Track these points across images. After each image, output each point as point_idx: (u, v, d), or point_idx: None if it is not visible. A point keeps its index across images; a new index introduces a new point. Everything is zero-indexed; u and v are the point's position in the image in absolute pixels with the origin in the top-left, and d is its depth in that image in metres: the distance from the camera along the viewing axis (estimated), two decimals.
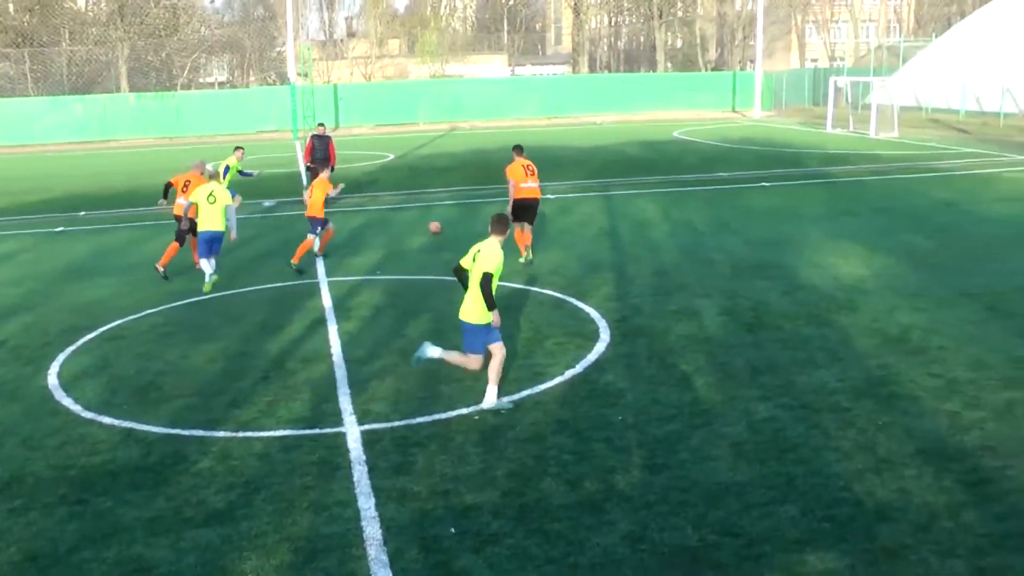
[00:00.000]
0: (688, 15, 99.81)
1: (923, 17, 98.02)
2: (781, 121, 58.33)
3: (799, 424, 10.57)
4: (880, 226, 22.32)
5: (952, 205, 25.43)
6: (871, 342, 13.46)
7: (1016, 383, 11.83)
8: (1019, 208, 24.80)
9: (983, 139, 44.57)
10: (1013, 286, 16.57)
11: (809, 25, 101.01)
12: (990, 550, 7.95)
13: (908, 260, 18.60)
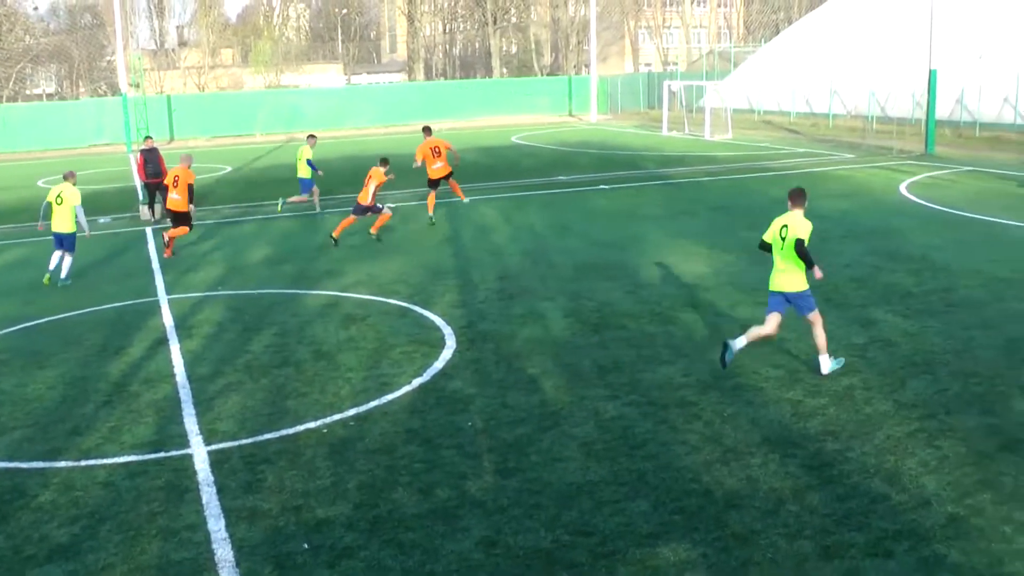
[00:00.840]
0: (522, 21, 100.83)
1: (752, 24, 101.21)
2: (617, 124, 59.34)
3: (647, 420, 10.72)
4: (719, 224, 22.89)
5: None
6: (715, 337, 13.76)
7: (854, 369, 12.29)
8: (850, 204, 25.80)
9: (814, 139, 46.18)
10: (847, 277, 17.21)
11: (642, 31, 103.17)
12: (834, 529, 8.23)
13: (747, 256, 19.05)
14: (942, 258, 18.84)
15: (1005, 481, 9.16)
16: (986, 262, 18.41)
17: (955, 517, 8.45)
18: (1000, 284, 16.76)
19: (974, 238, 21.02)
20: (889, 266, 18.21)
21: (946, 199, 26.44)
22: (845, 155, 38.71)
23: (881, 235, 21.35)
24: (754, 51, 69.98)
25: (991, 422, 10.62)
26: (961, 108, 47.51)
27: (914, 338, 13.70)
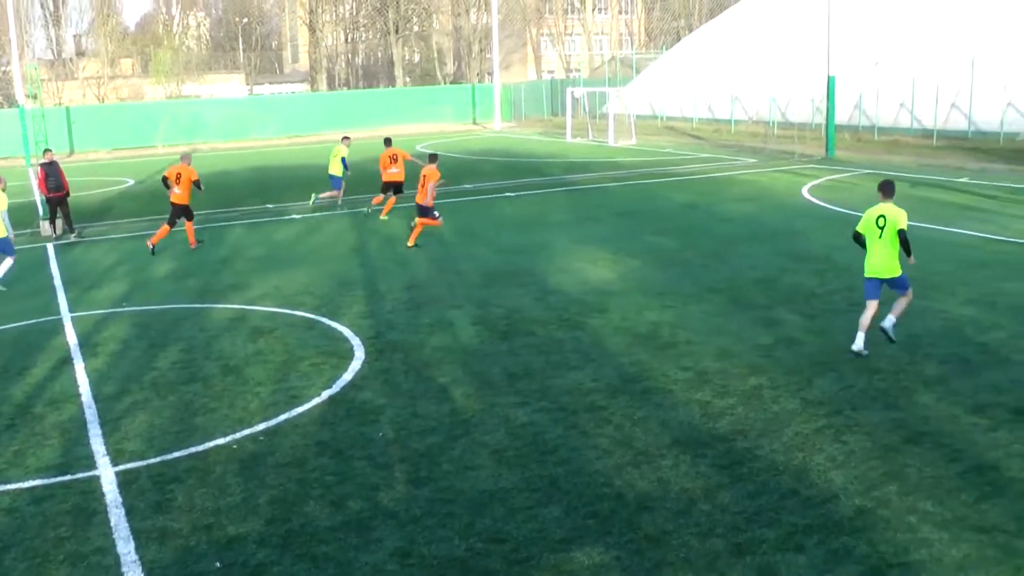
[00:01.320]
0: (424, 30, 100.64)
1: (653, 31, 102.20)
2: (522, 132, 59.53)
3: (558, 426, 10.76)
4: (625, 230, 23.08)
5: (693, 207, 26.61)
6: (622, 341, 13.88)
7: (760, 369, 12.50)
8: (754, 207, 26.23)
9: (717, 144, 46.88)
10: (752, 279, 17.50)
11: (544, 38, 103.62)
12: (746, 526, 8.35)
13: (654, 261, 19.31)
14: (844, 258, 19.17)
15: (910, 473, 9.40)
16: None
17: (862, 509, 8.64)
18: None
19: None
20: (793, 267, 18.55)
21: (847, 201, 26.99)
22: (748, 160, 39.36)
23: (785, 237, 21.74)
24: (656, 58, 70.78)
25: (895, 416, 10.88)
26: (859, 113, 48.55)
27: (819, 337, 13.98)
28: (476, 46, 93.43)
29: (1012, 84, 42.34)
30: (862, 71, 48.62)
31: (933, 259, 19.17)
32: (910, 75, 46.41)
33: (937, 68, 45.59)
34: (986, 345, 13.56)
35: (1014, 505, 8.76)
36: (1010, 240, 21.11)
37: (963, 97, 44.49)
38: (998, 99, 42.48)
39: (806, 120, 48.52)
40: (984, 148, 40.51)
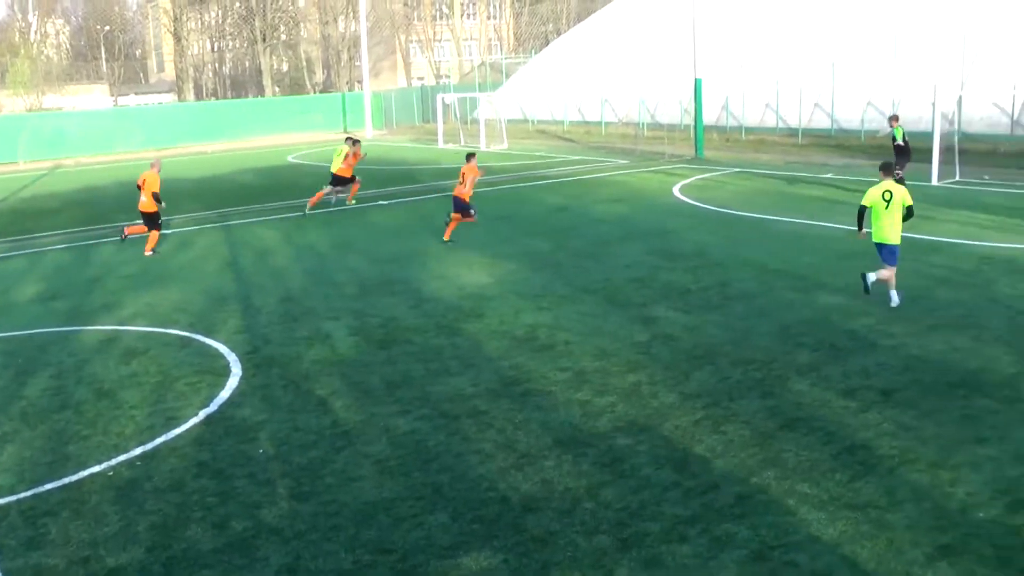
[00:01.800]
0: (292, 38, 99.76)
1: (522, 35, 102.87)
2: (393, 139, 59.36)
3: (440, 433, 10.75)
4: (500, 234, 23.18)
5: (566, 209, 26.86)
6: (500, 344, 13.93)
7: (638, 366, 12.69)
8: (626, 207, 26.62)
9: (588, 147, 47.43)
10: (627, 278, 17.74)
11: (413, 44, 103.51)
12: (630, 521, 8.48)
13: (529, 264, 19.42)
14: (716, 255, 19.66)
15: (787, 458, 9.66)
16: (757, 256, 19.35)
17: (743, 496, 8.85)
18: (771, 276, 17.64)
19: (745, 234, 22.03)
20: (667, 265, 18.85)
21: (717, 199, 27.58)
22: (619, 161, 39.90)
23: (658, 236, 22.09)
24: (525, 62, 71.24)
25: (771, 404, 11.17)
26: (726, 113, 49.65)
27: (694, 332, 14.24)
28: (345, 54, 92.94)
29: (870, 85, 43.77)
30: (728, 73, 49.74)
31: (802, 251, 19.77)
32: (774, 77, 47.64)
33: (800, 70, 46.90)
34: (854, 332, 14.01)
35: (885, 481, 9.11)
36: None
37: (825, 97, 45.85)
38: (858, 99, 43.96)
39: (675, 121, 49.40)
40: (847, 145, 41.81)
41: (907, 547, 7.91)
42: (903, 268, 16.86)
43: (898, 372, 12.24)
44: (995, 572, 7.52)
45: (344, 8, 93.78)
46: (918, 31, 43.73)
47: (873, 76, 43.99)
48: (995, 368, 12.31)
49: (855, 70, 44.74)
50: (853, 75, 44.66)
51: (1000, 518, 8.37)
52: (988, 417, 10.68)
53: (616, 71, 57.17)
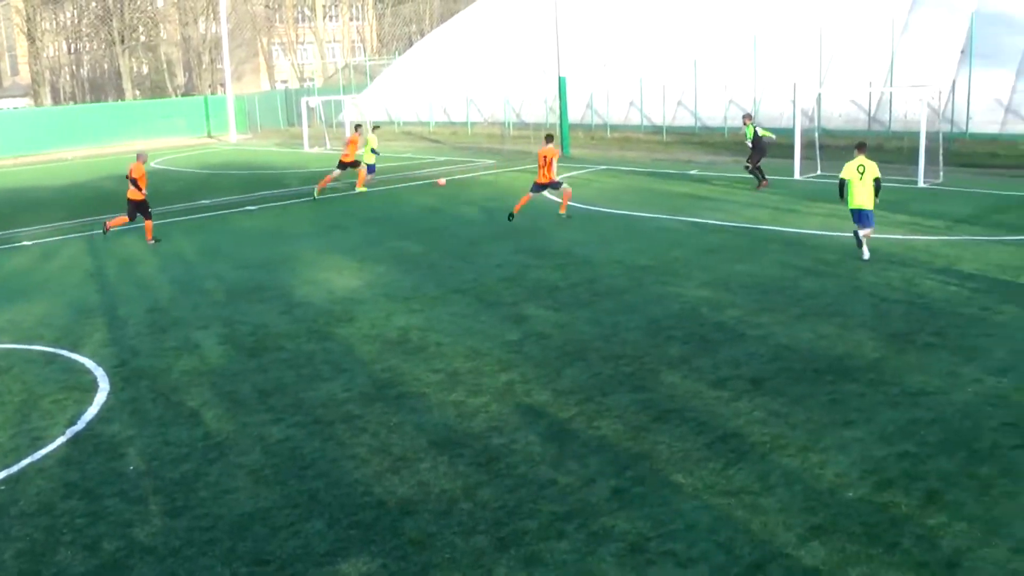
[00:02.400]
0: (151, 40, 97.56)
1: (385, 37, 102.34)
2: (259, 144, 58.59)
3: (314, 439, 10.63)
4: (370, 236, 23.05)
5: (436, 210, 26.84)
6: (373, 348, 13.86)
7: (511, 365, 12.75)
8: (495, 206, 26.71)
9: (455, 147, 47.49)
10: (498, 278, 17.81)
11: (276, 47, 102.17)
12: (507, 520, 8.51)
13: (400, 266, 19.36)
14: (585, 252, 19.87)
15: (661, 449, 9.82)
16: (625, 252, 19.61)
17: (619, 489, 8.96)
18: (639, 271, 17.90)
19: (613, 231, 22.32)
20: (537, 263, 18.99)
21: (585, 197, 27.85)
22: (487, 161, 40.04)
23: (527, 234, 22.23)
24: (389, 64, 70.91)
25: (643, 397, 11.34)
26: (591, 112, 50.19)
27: (565, 329, 14.36)
28: (206, 56, 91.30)
29: (732, 83, 44.74)
30: (592, 71, 50.29)
31: (669, 246, 20.12)
32: (638, 75, 48.34)
33: (663, 68, 47.70)
34: (723, 323, 14.31)
35: (757, 467, 9.34)
36: (739, 225, 22.33)
37: (688, 95, 46.71)
38: (720, 97, 44.91)
39: (541, 120, 49.81)
40: (710, 142, 42.69)
41: (780, 530, 8.12)
42: (769, 260, 17.31)
43: (767, 361, 12.55)
44: (865, 549, 7.77)
45: (204, 9, 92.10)
46: (777, 29, 44.81)
47: (734, 74, 44.97)
48: (860, 353, 12.72)
49: (717, 68, 45.67)
50: (715, 73, 45.60)
51: (868, 496, 8.67)
52: (854, 401, 11.04)
53: (480, 71, 57.37)
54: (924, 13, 41.13)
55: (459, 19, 67.18)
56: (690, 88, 46.60)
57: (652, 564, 7.67)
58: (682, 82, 47.00)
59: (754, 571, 7.51)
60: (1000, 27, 38.28)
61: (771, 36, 44.57)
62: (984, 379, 11.62)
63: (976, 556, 7.64)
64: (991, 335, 13.33)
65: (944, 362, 12.29)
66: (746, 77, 44.41)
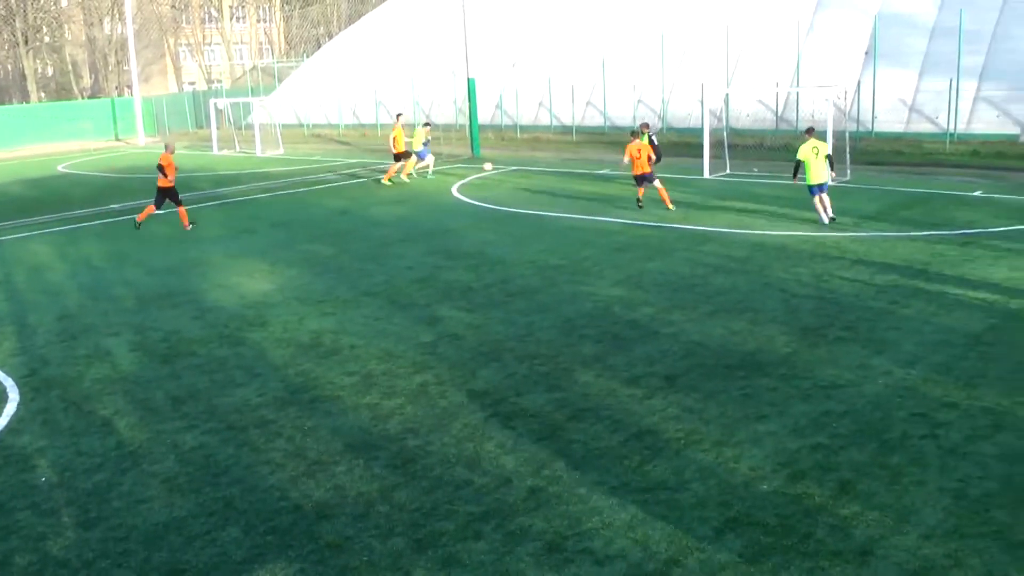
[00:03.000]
0: (56, 41, 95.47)
1: (293, 39, 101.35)
2: None
3: (228, 446, 10.53)
4: (280, 240, 22.87)
5: (346, 212, 26.72)
6: (286, 352, 13.76)
7: (425, 366, 12.76)
8: (406, 209, 26.70)
9: (365, 149, 47.25)
10: (410, 279, 17.80)
11: (183, 48, 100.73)
12: (424, 521, 8.52)
13: (311, 269, 19.24)
14: (497, 252, 19.93)
15: (576, 448, 9.90)
16: (537, 252, 19.72)
17: (535, 489, 9.01)
18: (552, 271, 18.01)
19: (524, 231, 22.42)
20: (449, 264, 19.00)
21: (496, 197, 27.95)
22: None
23: (439, 236, 22.23)
24: (298, 66, 70.31)
25: (558, 396, 11.43)
26: (501, 112, 50.32)
27: (479, 330, 14.41)
28: (112, 58, 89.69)
29: (640, 83, 45.15)
30: (501, 72, 50.43)
31: (581, 246, 20.26)
32: (546, 75, 48.56)
33: (572, 68, 48.01)
34: (636, 321, 14.46)
35: (672, 463, 9.47)
36: (649, 224, 22.59)
37: (597, 95, 47.04)
38: (629, 97, 45.30)
39: (450, 121, 49.82)
40: (621, 142, 42.58)
41: (696, 524, 8.24)
42: (679, 258, 17.54)
43: (680, 358, 12.72)
44: (779, 540, 7.93)
45: (109, 9, 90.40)
46: (684, 29, 45.36)
47: (643, 74, 45.40)
48: (771, 348, 12.96)
49: (625, 68, 46.07)
50: (624, 73, 45.98)
51: (782, 488, 8.85)
52: (767, 395, 11.25)
53: (389, 73, 57.19)
54: (829, 14, 41.91)
55: (367, 21, 66.84)
56: (599, 88, 46.96)
57: (570, 562, 7.74)
58: (591, 82, 47.37)
59: (671, 566, 7.61)
60: (903, 29, 39.19)
61: (679, 36, 45.10)
62: (893, 371, 11.93)
63: (888, 544, 7.84)
64: (899, 328, 13.67)
65: (854, 355, 12.58)
66: (654, 77, 44.87)
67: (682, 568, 7.59)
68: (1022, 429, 10.10)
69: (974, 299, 15.15)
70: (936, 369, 12.00)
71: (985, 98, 36.69)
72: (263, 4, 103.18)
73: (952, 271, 16.94)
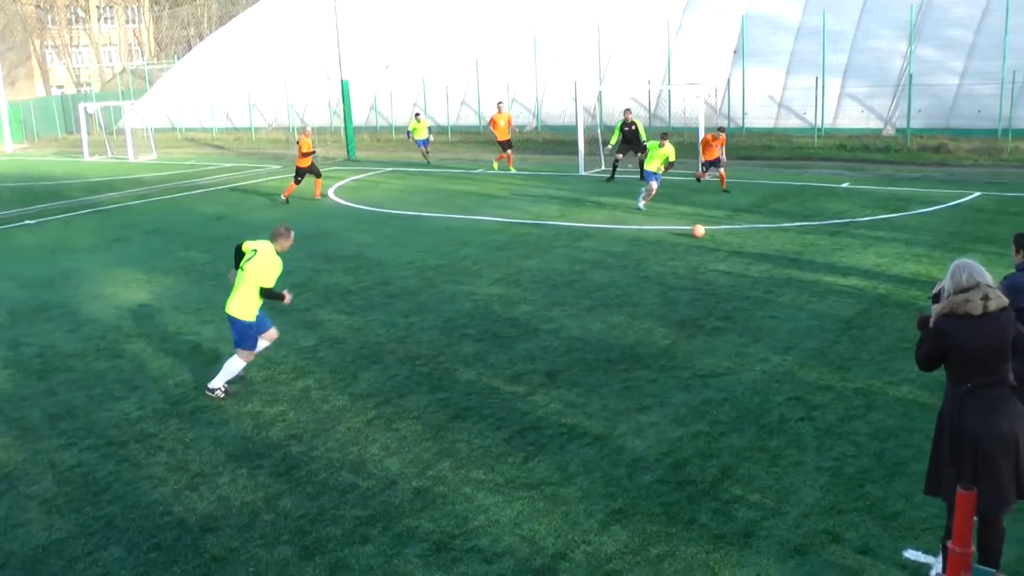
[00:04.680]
0: None
1: (163, 40, 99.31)
2: (35, 153, 56.13)
3: (108, 462, 10.30)
4: (155, 248, 22.44)
5: (222, 218, 26.34)
6: (165, 363, 13.53)
7: (306, 372, 12.70)
8: (283, 212, 26.57)
9: (239, 153, 46.72)
10: (288, 284, 17.28)
11: (49, 50, 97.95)
12: (311, 528, 8.47)
13: (188, 277, 18.94)
14: (376, 254, 19.89)
15: (460, 447, 9.95)
16: (416, 253, 19.74)
17: (420, 490, 9.04)
18: (431, 271, 18.04)
19: (402, 232, 22.39)
20: (327, 267, 18.90)
21: (373, 199, 27.89)
22: (272, 166, 39.54)
23: (317, 239, 22.08)
24: (169, 68, 69.00)
25: (441, 397, 11.47)
26: (375, 114, 50.12)
27: (360, 332, 14.37)
28: None
29: (514, 82, 45.40)
30: (374, 74, 50.26)
31: (459, 245, 20.34)
32: (420, 75, 48.53)
33: (445, 68, 48.07)
34: (516, 319, 14.58)
35: (556, 458, 9.58)
36: (527, 222, 22.78)
37: (472, 95, 47.16)
38: (503, 95, 45.48)
39: (325, 123, 49.49)
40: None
41: (582, 517, 8.36)
42: (557, 254, 17.70)
43: (561, 354, 12.86)
44: (664, 528, 8.11)
45: None
46: (556, 28, 45.75)
47: (516, 73, 45.66)
48: (651, 341, 13.20)
49: (499, 67, 46.28)
50: (497, 72, 46.19)
51: (665, 477, 9.04)
52: (647, 386, 11.46)
53: (263, 75, 56.52)
54: (697, 14, 42.69)
55: (238, 22, 65.92)
56: (473, 88, 47.10)
57: (458, 561, 7.78)
58: (465, 82, 47.51)
59: (558, 560, 7.71)
60: (769, 29, 40.18)
61: (551, 35, 45.49)
62: (770, 358, 12.27)
63: (769, 524, 8.10)
64: (775, 316, 14.06)
65: (732, 344, 12.89)
66: (528, 76, 45.18)
67: (569, 561, 7.69)
68: (892, 407, 10.53)
69: (845, 286, 15.65)
70: (811, 354, 12.39)
71: (850, 94, 37.84)
72: (131, 4, 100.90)
73: (823, 259, 17.47)
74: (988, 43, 35.25)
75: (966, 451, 6.65)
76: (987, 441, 6.57)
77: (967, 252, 11.84)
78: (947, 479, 6.73)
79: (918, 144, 34.21)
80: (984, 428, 6.58)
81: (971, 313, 6.57)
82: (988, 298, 6.58)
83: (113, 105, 56.81)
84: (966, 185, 26.30)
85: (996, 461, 6.58)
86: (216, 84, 58.89)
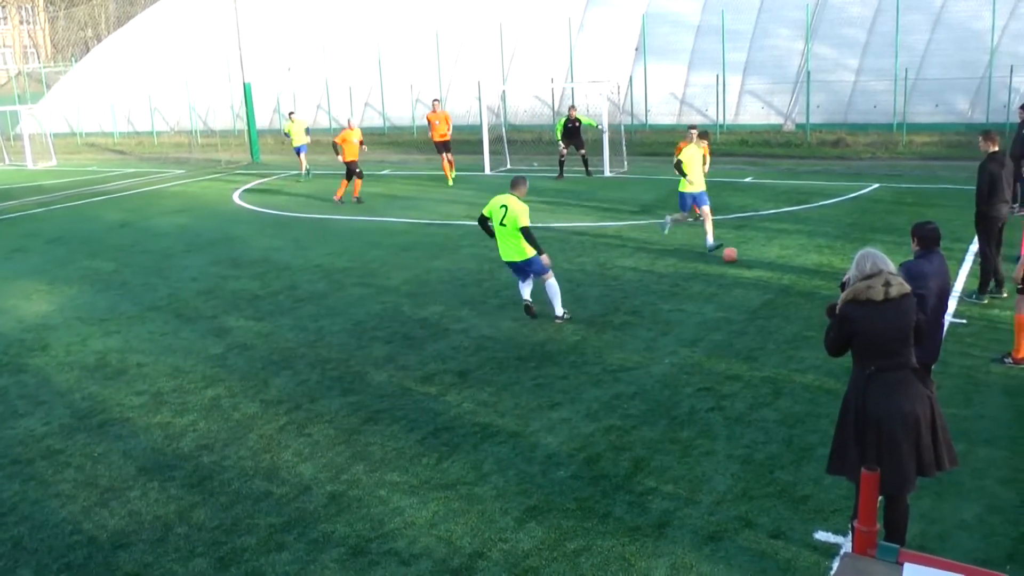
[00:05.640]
0: None
1: (60, 42, 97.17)
2: None
3: (13, 482, 10.03)
4: (57, 257, 21.95)
5: (126, 225, 25.87)
6: (70, 376, 13.24)
7: (216, 380, 12.53)
8: (187, 218, 26.07)
9: (141, 158, 45.98)
10: (195, 291, 17.39)
11: None
12: (225, 539, 8.36)
13: (92, 286, 18.56)
14: (283, 258, 19.71)
15: (373, 450, 9.92)
16: (323, 256, 19.61)
17: (335, 494, 8.99)
18: (339, 274, 17.94)
19: (308, 235, 22.23)
20: (234, 273, 18.67)
21: (278, 203, 27.63)
22: (175, 171, 38.93)
23: (222, 244, 21.81)
24: (67, 71, 67.49)
25: (353, 400, 11.42)
26: (279, 117, 49.65)
27: (269, 338, 14.22)
28: None
29: (418, 82, 45.31)
30: (277, 76, 49.78)
31: (367, 247, 20.27)
32: (323, 77, 48.17)
33: (348, 69, 47.75)
34: (426, 320, 14.57)
35: (470, 458, 9.62)
36: (433, 222, 22.75)
37: (375, 95, 46.97)
38: (407, 96, 45.45)
39: (228, 127, 48.91)
40: (400, 142, 43.19)
41: (497, 515, 8.40)
42: (465, 254, 17.69)
43: (472, 353, 12.89)
44: (580, 523, 8.18)
45: None
46: (459, 26, 45.70)
47: (420, 72, 45.57)
48: (561, 338, 13.30)
49: (402, 67, 46.15)
50: (401, 72, 46.05)
51: (579, 473, 9.13)
52: (559, 383, 11.54)
53: (164, 78, 55.56)
54: (598, 12, 42.98)
55: (137, 23, 64.66)
56: (376, 88, 46.91)
57: (375, 565, 7.76)
58: (368, 82, 47.27)
59: (475, 559, 7.73)
60: (670, 27, 40.62)
61: (453, 34, 45.45)
62: (679, 350, 12.45)
63: (683, 514, 8.23)
64: (683, 309, 14.26)
65: (641, 338, 13.04)
66: (431, 75, 45.11)
67: (487, 560, 7.72)
68: (799, 394, 10.78)
69: (750, 278, 15.92)
70: (719, 345, 12.60)
71: (750, 91, 38.42)
72: (25, 4, 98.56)
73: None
74: (881, 42, 36.08)
75: (870, 433, 6.85)
76: (890, 423, 6.77)
77: (867, 242, 12.12)
78: (851, 460, 6.92)
79: (817, 139, 34.90)
80: (887, 410, 6.77)
81: (873, 299, 6.77)
82: (889, 284, 6.78)
83: (10, 110, 55.43)
84: (865, 177, 26.93)
85: (899, 442, 6.78)
86: (116, 87, 57.74)
